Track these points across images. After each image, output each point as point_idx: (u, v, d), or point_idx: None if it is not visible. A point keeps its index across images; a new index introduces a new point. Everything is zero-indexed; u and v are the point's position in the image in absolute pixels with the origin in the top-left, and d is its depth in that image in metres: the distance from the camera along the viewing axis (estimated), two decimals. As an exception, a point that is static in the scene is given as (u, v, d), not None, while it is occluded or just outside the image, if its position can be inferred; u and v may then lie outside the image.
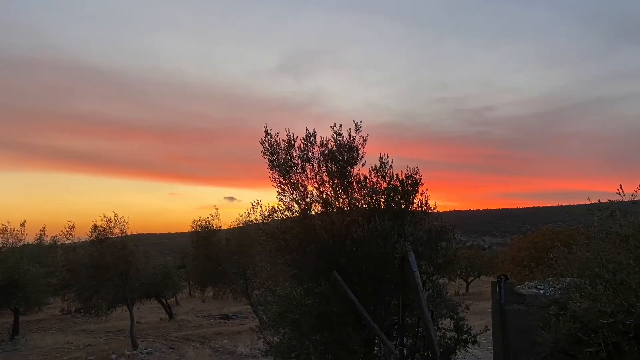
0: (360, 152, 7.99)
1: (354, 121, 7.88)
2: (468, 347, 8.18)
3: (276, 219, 8.23)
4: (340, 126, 7.90)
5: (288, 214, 8.13)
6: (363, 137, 7.96)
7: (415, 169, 8.11)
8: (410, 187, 8.05)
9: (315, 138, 7.95)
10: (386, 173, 8.07)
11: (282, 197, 8.06)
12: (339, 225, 7.71)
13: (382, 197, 7.96)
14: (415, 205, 8.12)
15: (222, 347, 17.43)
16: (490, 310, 7.30)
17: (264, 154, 8.11)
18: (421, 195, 8.13)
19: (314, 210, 8.04)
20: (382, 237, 7.36)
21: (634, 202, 6.13)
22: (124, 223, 17.95)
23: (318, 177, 7.93)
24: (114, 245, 17.82)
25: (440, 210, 8.45)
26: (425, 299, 6.61)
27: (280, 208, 8.10)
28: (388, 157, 8.12)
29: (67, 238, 20.99)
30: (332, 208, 7.94)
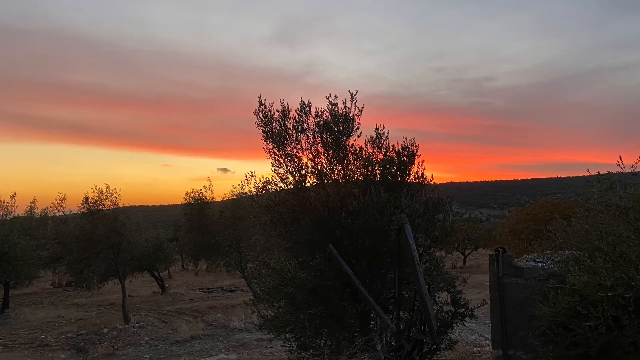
0: (356, 123, 7.96)
1: (349, 91, 7.85)
2: (465, 320, 8.26)
3: (270, 190, 8.22)
4: (336, 97, 7.86)
5: (282, 186, 8.11)
6: (359, 108, 7.92)
7: (412, 140, 8.09)
8: (406, 158, 8.03)
9: (310, 109, 7.90)
10: (382, 144, 8.04)
11: (277, 169, 8.04)
12: (334, 197, 7.70)
13: (378, 169, 7.93)
14: (411, 177, 8.11)
15: (216, 321, 17.55)
16: (487, 283, 7.34)
17: (258, 124, 8.05)
18: (418, 166, 8.13)
19: (308, 182, 8.02)
20: (378, 210, 7.35)
21: (634, 174, 6.12)
22: (115, 195, 17.93)
23: (313, 148, 7.89)
24: (106, 217, 17.78)
25: (437, 182, 8.46)
26: (422, 272, 6.62)
27: (275, 180, 8.09)
28: (384, 128, 8.09)
29: (58, 210, 21.02)
30: (327, 180, 7.92)
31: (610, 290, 4.69)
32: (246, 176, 8.32)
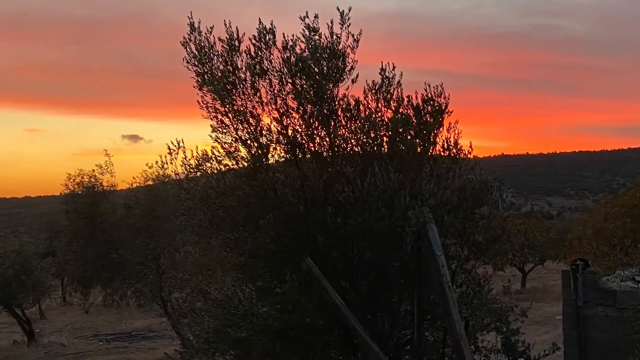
0: (349, 60, 7.97)
1: (338, 9, 7.81)
2: (524, 377, 8.43)
3: (210, 172, 8.24)
4: (316, 17, 7.83)
5: (230, 164, 8.14)
6: (353, 36, 7.91)
7: (440, 88, 8.15)
8: (430, 117, 8.11)
9: (274, 37, 7.87)
10: (392, 95, 8.09)
11: (220, 136, 8.04)
12: (315, 181, 7.75)
13: (385, 135, 7.99)
14: (438, 147, 8.21)
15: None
16: (560, 317, 7.50)
17: (188, 62, 8.02)
18: (448, 130, 8.21)
19: (272, 156, 8.06)
20: (385, 201, 7.43)
21: None
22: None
23: (280, 101, 7.91)
24: None
25: (480, 156, 8.56)
26: (455, 301, 6.73)
27: (217, 154, 8.10)
28: (394, 68, 8.12)
29: None
30: (304, 153, 7.97)
31: None
32: (169, 148, 8.30)
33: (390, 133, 7.98)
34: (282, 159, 8.10)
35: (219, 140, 8.06)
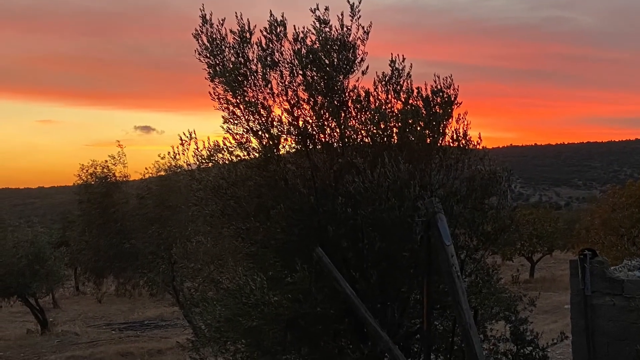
0: (359, 52, 7.98)
1: (348, 1, 7.81)
2: (533, 366, 8.42)
3: (221, 162, 8.25)
4: (327, 9, 7.83)
5: (241, 154, 8.16)
6: (364, 28, 7.93)
7: (449, 80, 8.15)
8: (440, 108, 8.10)
9: (285, 29, 7.88)
10: (401, 86, 8.10)
11: (231, 127, 8.06)
12: (326, 172, 7.76)
13: (395, 126, 8.00)
14: (448, 138, 8.21)
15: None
16: (568, 306, 7.50)
17: (200, 54, 8.04)
18: (458, 121, 8.22)
19: (283, 147, 8.08)
20: (395, 191, 7.44)
21: None
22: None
23: (290, 92, 7.92)
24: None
25: (489, 147, 8.56)
26: (464, 291, 6.74)
27: (228, 145, 8.12)
28: (404, 60, 8.13)
29: None
30: (315, 144, 7.98)
31: None
32: (181, 139, 8.33)
33: (400, 124, 7.97)
34: (293, 150, 8.11)
35: (230, 131, 8.08)
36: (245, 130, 8.05)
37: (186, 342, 11.11)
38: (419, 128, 7.95)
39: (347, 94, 7.98)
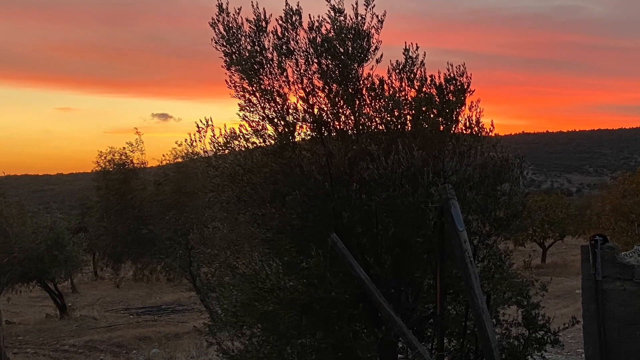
0: (374, 41, 7.97)
1: (362, -10, 7.83)
2: (545, 350, 8.43)
3: (237, 149, 8.27)
4: (341, -2, 7.84)
5: (257, 142, 8.16)
6: (378, 17, 7.92)
7: (462, 68, 8.15)
8: (453, 96, 8.10)
9: (300, 18, 7.88)
10: (415, 74, 8.09)
11: (248, 115, 8.07)
12: (341, 159, 7.77)
13: (408, 113, 8.00)
14: (461, 125, 8.20)
15: (150, 360, 17.68)
16: (579, 291, 7.50)
17: (217, 42, 8.04)
18: (470, 109, 8.21)
19: (299, 135, 8.09)
20: (409, 177, 7.45)
21: None
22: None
23: (306, 80, 7.93)
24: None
25: (501, 134, 8.53)
26: (477, 276, 6.75)
27: (244, 132, 8.13)
28: (418, 49, 8.12)
29: None
30: (329, 131, 7.99)
31: None
32: (198, 126, 8.37)
33: (413, 112, 7.98)
34: (308, 137, 8.11)
35: (246, 119, 8.09)
36: (261, 117, 8.07)
37: (203, 327, 11.17)
38: (432, 115, 7.96)
39: (361, 82, 7.97)
